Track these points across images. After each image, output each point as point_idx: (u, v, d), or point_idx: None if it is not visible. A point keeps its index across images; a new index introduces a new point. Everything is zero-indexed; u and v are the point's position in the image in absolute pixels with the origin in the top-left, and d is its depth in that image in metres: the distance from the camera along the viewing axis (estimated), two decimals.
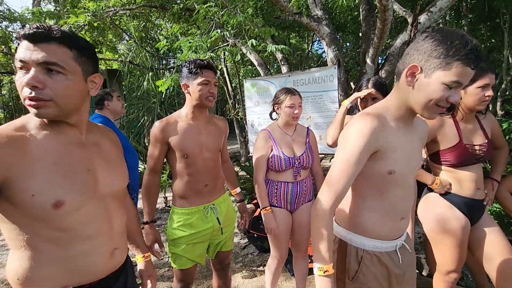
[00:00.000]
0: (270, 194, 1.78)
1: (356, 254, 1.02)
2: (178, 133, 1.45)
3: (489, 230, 1.47)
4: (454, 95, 0.84)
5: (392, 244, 1.03)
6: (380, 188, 0.98)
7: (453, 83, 0.82)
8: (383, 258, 1.01)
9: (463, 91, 1.42)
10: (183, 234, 1.49)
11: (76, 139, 0.85)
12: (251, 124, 3.96)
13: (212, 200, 1.56)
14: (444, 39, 0.82)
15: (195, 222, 1.50)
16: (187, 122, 1.49)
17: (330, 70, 3.20)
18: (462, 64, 0.80)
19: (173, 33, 4.84)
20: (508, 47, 4.80)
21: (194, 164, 1.47)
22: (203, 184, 1.51)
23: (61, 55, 0.74)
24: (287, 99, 1.73)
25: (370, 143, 0.90)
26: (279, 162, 1.72)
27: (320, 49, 10.49)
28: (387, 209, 0.99)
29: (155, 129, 1.45)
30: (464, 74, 0.81)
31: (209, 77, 1.45)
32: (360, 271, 1.01)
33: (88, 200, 0.82)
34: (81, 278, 0.83)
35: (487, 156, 1.48)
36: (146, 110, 5.39)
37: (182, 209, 1.51)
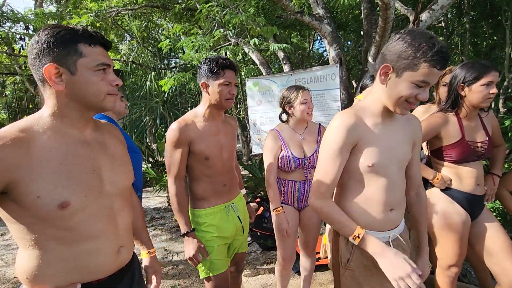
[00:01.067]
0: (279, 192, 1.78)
1: (346, 243, 1.08)
2: (198, 134, 1.40)
3: (489, 225, 1.49)
4: (422, 93, 0.92)
5: (383, 235, 1.06)
6: (362, 180, 1.04)
7: (420, 83, 0.90)
8: None
9: (468, 88, 1.43)
10: (212, 236, 1.46)
11: (81, 139, 0.86)
12: (253, 123, 3.98)
13: (231, 199, 1.55)
14: (412, 41, 0.88)
15: (219, 222, 1.48)
16: (205, 122, 1.44)
17: (332, 68, 3.21)
18: (429, 65, 0.87)
19: (175, 33, 4.85)
20: (510, 44, 4.78)
21: (214, 166, 1.44)
22: (222, 184, 1.49)
23: None
24: (300, 96, 1.71)
25: (348, 137, 0.99)
26: (288, 162, 1.71)
27: (322, 48, 10.48)
28: (371, 199, 1.04)
29: (174, 131, 1.36)
30: (431, 74, 0.89)
31: (231, 78, 1.40)
32: (351, 259, 1.07)
33: (93, 199, 0.83)
34: (88, 275, 0.85)
35: (488, 153, 1.50)
36: (149, 110, 5.41)
37: (204, 210, 1.47)
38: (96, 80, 0.82)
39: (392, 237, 1.08)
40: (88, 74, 0.80)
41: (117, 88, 0.88)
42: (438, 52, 0.85)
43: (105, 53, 0.84)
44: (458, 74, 1.47)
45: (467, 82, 1.43)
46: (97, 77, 0.82)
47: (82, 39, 0.79)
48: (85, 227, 0.82)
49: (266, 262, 2.77)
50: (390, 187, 1.04)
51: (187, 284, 2.50)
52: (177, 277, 2.63)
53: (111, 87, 0.85)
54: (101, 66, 0.82)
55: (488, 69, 1.40)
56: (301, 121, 1.78)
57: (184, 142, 1.38)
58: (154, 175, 4.74)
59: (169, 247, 3.26)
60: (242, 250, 1.67)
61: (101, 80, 0.82)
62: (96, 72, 0.82)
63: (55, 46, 0.76)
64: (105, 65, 0.83)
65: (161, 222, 4.14)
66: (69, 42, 0.78)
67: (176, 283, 2.53)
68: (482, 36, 6.31)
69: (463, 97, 1.47)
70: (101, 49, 0.83)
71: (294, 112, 1.76)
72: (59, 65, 0.77)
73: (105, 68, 0.83)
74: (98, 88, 0.82)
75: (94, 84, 0.82)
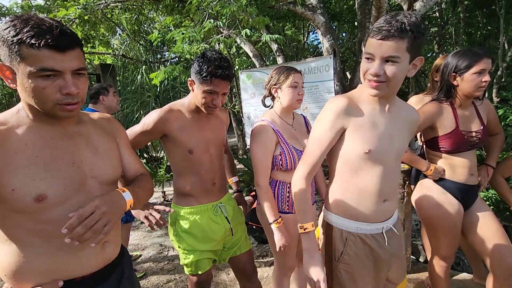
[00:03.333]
0: (281, 199, 1.47)
1: (340, 236, 1.06)
2: (181, 125, 1.31)
3: (482, 214, 1.49)
4: (371, 68, 0.93)
5: (377, 227, 1.05)
6: (356, 167, 1.01)
7: (366, 54, 0.94)
8: (368, 239, 1.04)
9: (459, 78, 1.40)
10: (196, 237, 1.37)
11: (61, 132, 0.83)
12: (248, 116, 3.94)
13: (219, 199, 1.45)
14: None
15: (205, 223, 1.38)
16: (191, 114, 1.35)
17: (325, 60, 3.17)
18: (370, 37, 0.91)
19: (166, 25, 4.75)
20: (504, 33, 4.78)
21: (200, 161, 1.36)
22: (211, 183, 1.40)
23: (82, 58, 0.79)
24: (290, 78, 1.44)
25: (337, 120, 0.99)
26: (291, 157, 1.42)
27: (316, 40, 10.39)
28: (366, 189, 1.01)
29: (153, 116, 1.29)
30: (371, 45, 0.91)
31: (218, 88, 1.24)
32: (345, 252, 1.05)
33: (73, 192, 0.81)
34: (70, 271, 0.82)
35: (481, 142, 1.48)
36: (141, 105, 5.34)
37: (189, 208, 1.38)
38: (37, 88, 0.71)
39: (386, 228, 1.07)
40: (27, 80, 0.71)
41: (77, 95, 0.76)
42: (378, 23, 0.89)
43: (55, 57, 0.71)
44: (449, 63, 1.44)
45: (458, 71, 1.39)
46: (40, 84, 0.71)
47: (26, 39, 0.68)
48: (65, 220, 0.78)
49: (262, 255, 2.77)
50: (386, 176, 1.02)
51: (182, 279, 2.49)
52: (172, 272, 2.62)
53: (61, 95, 0.74)
54: (42, 72, 0.70)
55: (480, 57, 1.36)
56: (288, 109, 1.51)
57: (158, 129, 1.29)
58: (149, 170, 4.70)
59: (164, 242, 3.25)
60: (240, 252, 1.50)
61: (43, 88, 0.72)
62: (38, 79, 0.71)
63: (2, 43, 0.70)
64: (50, 70, 0.71)
65: None
66: (12, 41, 0.68)
67: (171, 278, 2.52)
68: (476, 25, 6.29)
69: (456, 87, 1.43)
70: (49, 51, 0.70)
71: (281, 97, 1.48)
72: (6, 65, 0.72)
73: (50, 74, 0.71)
74: (41, 96, 0.73)
75: (36, 92, 0.72)
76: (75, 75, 0.76)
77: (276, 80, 1.49)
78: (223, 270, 2.56)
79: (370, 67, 0.92)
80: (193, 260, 1.38)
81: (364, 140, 0.98)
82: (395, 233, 1.10)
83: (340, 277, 1.06)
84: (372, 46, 0.90)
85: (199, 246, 1.38)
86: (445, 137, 1.46)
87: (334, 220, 1.08)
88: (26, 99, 0.75)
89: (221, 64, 1.22)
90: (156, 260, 2.87)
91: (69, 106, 0.77)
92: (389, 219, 1.08)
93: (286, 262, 1.57)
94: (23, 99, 0.78)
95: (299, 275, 1.78)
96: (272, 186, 1.48)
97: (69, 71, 0.74)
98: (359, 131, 0.99)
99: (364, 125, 0.99)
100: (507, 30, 4.92)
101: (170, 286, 2.42)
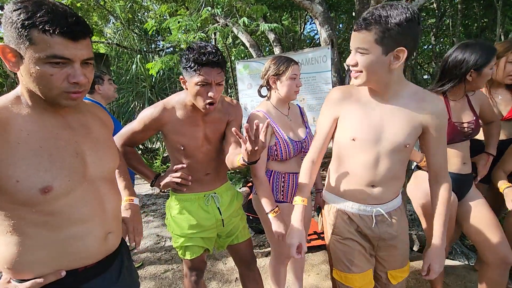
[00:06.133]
0: (276, 189, 1.51)
1: (329, 210, 1.21)
2: (174, 123, 1.29)
3: (476, 203, 1.51)
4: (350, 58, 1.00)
5: (365, 208, 1.12)
6: (345, 152, 1.12)
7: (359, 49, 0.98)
8: (354, 218, 1.15)
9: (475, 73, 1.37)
10: (185, 222, 1.39)
11: (62, 122, 0.81)
12: (244, 107, 3.92)
13: (214, 189, 1.44)
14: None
15: (194, 211, 1.39)
16: (186, 110, 1.30)
17: (323, 50, 3.15)
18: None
19: (161, 14, 4.65)
20: (500, 25, 4.78)
21: (193, 156, 1.35)
22: (204, 173, 1.39)
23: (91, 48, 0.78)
24: (290, 69, 1.43)
25: (330, 108, 1.13)
26: (287, 148, 1.44)
27: (313, 31, 10.29)
28: (353, 172, 1.11)
29: (147, 115, 1.28)
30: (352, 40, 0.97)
31: (209, 77, 1.15)
32: (335, 225, 1.19)
33: (77, 184, 0.80)
34: (74, 262, 0.82)
35: (474, 133, 1.49)
36: (136, 95, 5.26)
37: (180, 195, 1.40)
38: (45, 74, 0.70)
39: (376, 212, 1.11)
40: (34, 66, 0.69)
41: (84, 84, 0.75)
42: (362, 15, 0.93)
43: (67, 44, 0.70)
44: (463, 59, 1.38)
45: (478, 67, 1.35)
46: (47, 70, 0.69)
47: (38, 24, 0.66)
48: (70, 212, 0.79)
49: (259, 245, 2.80)
50: (372, 164, 1.07)
51: (180, 268, 2.51)
52: (170, 261, 2.64)
53: (68, 84, 0.73)
54: (52, 58, 0.68)
55: (495, 51, 1.36)
56: (285, 100, 1.51)
57: (152, 127, 1.30)
58: (144, 161, 4.67)
59: (161, 232, 3.26)
60: (237, 241, 1.49)
61: (51, 75, 0.70)
62: (46, 65, 0.69)
63: (10, 24, 0.67)
64: (60, 58, 0.69)
65: (153, 209, 4.12)
66: (22, 24, 0.66)
67: (169, 268, 2.54)
68: (473, 17, 6.28)
69: (468, 82, 1.40)
70: (62, 39, 0.68)
71: (279, 88, 1.48)
72: (10, 47, 0.69)
73: (60, 62, 0.70)
74: (48, 83, 0.71)
75: (42, 78, 0.70)
76: (83, 64, 0.75)
77: (275, 71, 1.47)
78: (220, 259, 2.59)
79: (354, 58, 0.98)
80: (182, 244, 1.42)
81: (352, 128, 1.07)
82: (387, 219, 1.13)
83: (333, 248, 1.19)
84: (351, 38, 0.97)
85: (187, 232, 1.40)
86: None
87: (328, 197, 1.24)
88: (29, 84, 0.73)
89: (207, 51, 1.13)
90: (153, 251, 2.89)
91: (75, 95, 0.75)
92: (381, 204, 1.11)
93: (282, 251, 1.59)
94: (24, 85, 0.75)
95: (296, 264, 1.81)
96: (268, 176, 1.50)
97: (79, 60, 0.73)
98: (347, 119, 1.08)
99: (354, 114, 1.07)
100: (503, 22, 4.92)
101: (168, 275, 2.43)
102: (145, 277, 2.43)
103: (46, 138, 0.76)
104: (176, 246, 1.44)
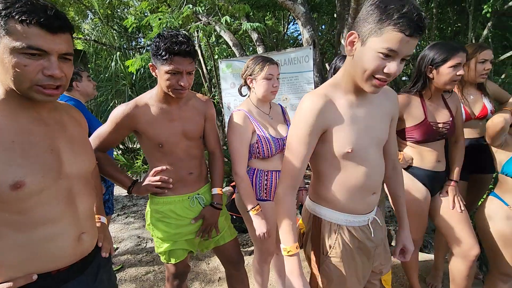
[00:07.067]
0: (259, 187, 1.50)
1: (330, 229, 1.03)
2: (149, 119, 1.25)
3: (447, 199, 1.58)
4: (389, 66, 0.78)
5: (364, 218, 1.04)
6: (341, 166, 0.96)
7: (385, 50, 0.77)
8: (356, 232, 1.03)
9: (435, 71, 1.43)
10: (169, 225, 1.34)
11: (37, 117, 0.79)
12: (227, 106, 3.90)
13: (197, 189, 1.40)
14: (380, 3, 0.76)
15: (180, 213, 1.35)
16: (160, 105, 1.27)
17: (305, 50, 3.18)
18: (395, 29, 0.74)
19: (142, 10, 4.54)
20: (472, 30, 5.03)
21: (172, 153, 1.31)
22: (187, 172, 1.36)
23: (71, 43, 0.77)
24: (265, 69, 1.45)
25: (317, 122, 0.90)
26: (268, 145, 1.45)
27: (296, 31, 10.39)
28: (355, 185, 0.98)
29: (119, 113, 1.23)
30: (396, 40, 0.75)
31: (181, 66, 1.15)
32: (334, 246, 1.02)
33: (51, 181, 0.77)
34: (46, 264, 0.79)
35: (450, 133, 1.55)
36: (116, 93, 5.10)
37: (163, 198, 1.34)
38: (18, 64, 0.68)
39: (371, 219, 1.06)
40: (8, 55, 0.67)
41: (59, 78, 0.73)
42: (407, 14, 0.72)
43: (44, 36, 0.69)
44: (425, 56, 1.47)
45: (435, 64, 1.43)
46: (21, 61, 0.68)
47: (15, 14, 0.66)
48: (42, 211, 0.75)
49: (242, 244, 2.80)
50: (372, 171, 0.98)
51: (161, 270, 2.47)
52: (151, 263, 2.59)
53: (42, 76, 0.71)
54: (28, 49, 0.67)
55: (456, 51, 1.39)
56: (262, 100, 1.53)
57: (126, 126, 1.25)
58: (125, 161, 4.55)
59: (142, 234, 3.19)
60: (223, 241, 1.47)
61: (24, 66, 0.68)
62: (21, 55, 0.68)
63: None
64: (36, 49, 0.68)
65: (134, 210, 4.03)
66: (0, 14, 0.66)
67: (150, 269, 2.49)
68: (448, 21, 6.56)
69: (431, 79, 1.47)
70: (39, 30, 0.68)
71: (255, 87, 1.50)
72: None
73: (35, 53, 0.69)
74: (20, 74, 0.69)
75: (15, 69, 0.68)
76: (61, 59, 0.74)
77: (251, 71, 1.50)
78: (203, 260, 2.57)
79: (386, 64, 0.79)
80: (166, 249, 1.36)
81: (345, 139, 0.93)
82: (378, 223, 1.10)
83: (327, 271, 1.03)
84: (399, 43, 0.75)
85: (172, 236, 1.35)
86: (415, 127, 1.51)
87: (323, 213, 1.04)
88: (2, 76, 0.70)
89: (179, 40, 1.13)
90: (134, 252, 2.82)
91: (49, 90, 0.73)
92: (373, 210, 1.08)
93: (265, 248, 1.60)
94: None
95: (278, 261, 1.82)
96: (250, 174, 1.51)
97: (56, 53, 0.71)
98: (339, 131, 0.93)
99: (342, 124, 0.92)
100: (475, 27, 5.18)
101: (149, 277, 2.39)
102: (125, 280, 2.37)
103: (19, 133, 0.73)
104: (160, 251, 1.39)
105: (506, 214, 1.44)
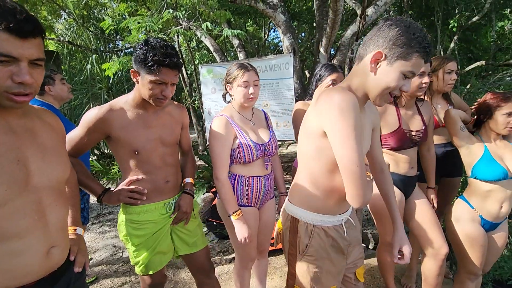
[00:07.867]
0: (240, 192, 1.50)
1: (306, 229, 1.07)
2: (124, 124, 1.21)
3: (419, 202, 1.66)
4: (406, 85, 0.91)
5: (338, 219, 1.09)
6: (332, 169, 0.98)
7: (409, 73, 0.88)
8: (330, 231, 1.07)
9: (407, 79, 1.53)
10: (145, 235, 1.30)
11: (5, 126, 0.74)
12: (208, 111, 3.87)
13: (173, 195, 1.39)
14: (408, 29, 0.86)
15: (157, 220, 1.32)
16: (136, 111, 1.24)
17: (285, 58, 3.24)
18: (420, 56, 0.87)
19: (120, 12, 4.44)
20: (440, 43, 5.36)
21: (149, 161, 1.27)
22: (164, 180, 1.33)
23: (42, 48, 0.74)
24: (240, 76, 1.45)
25: (357, 116, 0.87)
26: (249, 151, 1.45)
27: (277, 38, 10.58)
28: (338, 187, 1.01)
29: (91, 116, 1.18)
30: (418, 66, 0.89)
31: (167, 77, 1.15)
32: (310, 245, 1.06)
33: (17, 193, 0.73)
34: (11, 280, 0.74)
35: (422, 141, 1.65)
36: (92, 97, 4.92)
37: (139, 207, 1.29)
38: None
39: (345, 219, 1.12)
40: None
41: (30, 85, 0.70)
42: (429, 44, 0.87)
43: (14, 42, 0.66)
44: None
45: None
46: None
47: None
48: (6, 224, 0.71)
49: (223, 251, 2.76)
50: None
51: (138, 280, 2.38)
52: (127, 273, 2.49)
53: (12, 83, 0.68)
54: None
55: None
56: (241, 106, 1.53)
57: (98, 130, 1.20)
58: (100, 167, 4.37)
59: (118, 243, 3.07)
60: (196, 249, 1.43)
61: None
62: None
63: None
64: (4, 55, 0.65)
65: (109, 218, 3.87)
66: None
67: (127, 280, 2.39)
68: None
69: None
70: (8, 35, 0.65)
71: (233, 94, 1.50)
72: None
73: (4, 60, 0.66)
74: None
75: None
76: (32, 64, 0.70)
77: (228, 78, 1.51)
78: (183, 268, 2.50)
79: (405, 83, 0.90)
80: (143, 259, 1.32)
81: None
82: (352, 224, 1.16)
83: (304, 268, 1.08)
84: (419, 67, 0.89)
85: (149, 244, 1.32)
86: (389, 135, 1.58)
87: (300, 214, 1.08)
88: None
89: (168, 52, 1.13)
90: (109, 263, 2.70)
91: (19, 97, 0.70)
92: (347, 211, 1.14)
93: (246, 254, 1.59)
94: None
95: (259, 267, 1.82)
96: (232, 180, 1.51)
97: (26, 59, 0.68)
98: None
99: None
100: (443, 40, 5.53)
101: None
102: None
103: None
104: (135, 262, 1.34)
105: (472, 216, 1.54)
